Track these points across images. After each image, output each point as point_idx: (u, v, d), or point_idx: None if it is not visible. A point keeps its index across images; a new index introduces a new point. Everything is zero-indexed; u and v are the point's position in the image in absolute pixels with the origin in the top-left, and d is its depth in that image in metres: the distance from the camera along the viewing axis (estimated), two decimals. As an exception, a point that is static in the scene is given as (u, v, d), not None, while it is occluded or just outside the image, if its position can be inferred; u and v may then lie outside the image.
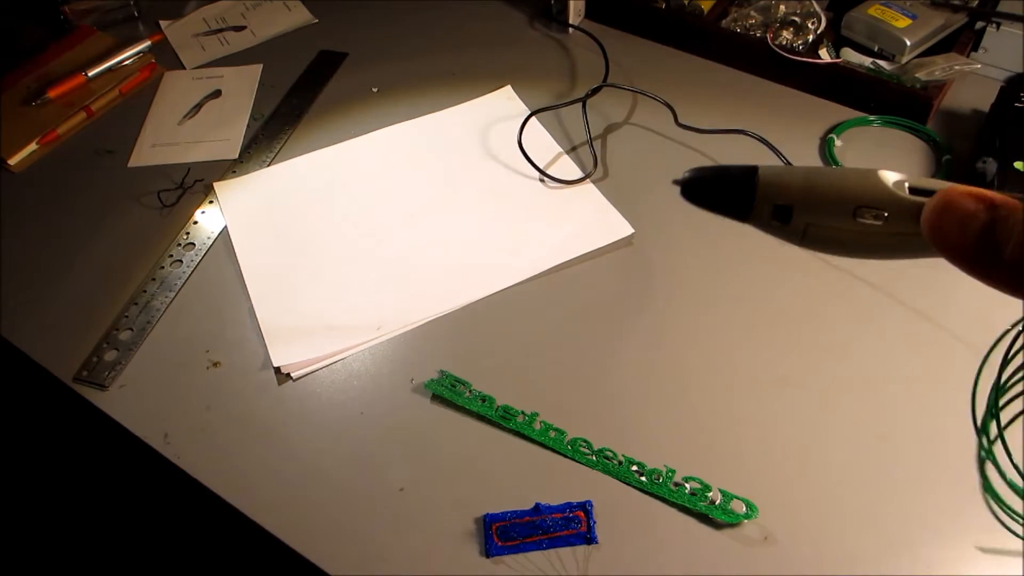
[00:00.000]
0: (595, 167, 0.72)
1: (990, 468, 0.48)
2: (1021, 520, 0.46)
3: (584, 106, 0.77)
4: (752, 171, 0.28)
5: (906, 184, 0.26)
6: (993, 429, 0.47)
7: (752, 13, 0.81)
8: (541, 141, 0.75)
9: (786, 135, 0.74)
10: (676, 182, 0.29)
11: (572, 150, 0.75)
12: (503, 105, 0.80)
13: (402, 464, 0.53)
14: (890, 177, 0.26)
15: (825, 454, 0.52)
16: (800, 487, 0.50)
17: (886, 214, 0.26)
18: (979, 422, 0.46)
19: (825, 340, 0.58)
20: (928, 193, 0.26)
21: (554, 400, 0.55)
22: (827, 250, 0.28)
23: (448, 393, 0.56)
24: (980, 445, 0.45)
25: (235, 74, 0.87)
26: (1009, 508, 0.47)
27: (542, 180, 0.71)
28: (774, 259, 0.64)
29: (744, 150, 0.73)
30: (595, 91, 0.78)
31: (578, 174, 0.72)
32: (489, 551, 0.48)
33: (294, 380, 0.58)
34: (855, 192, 0.26)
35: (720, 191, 0.29)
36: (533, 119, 0.76)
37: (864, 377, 0.56)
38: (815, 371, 0.56)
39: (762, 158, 0.71)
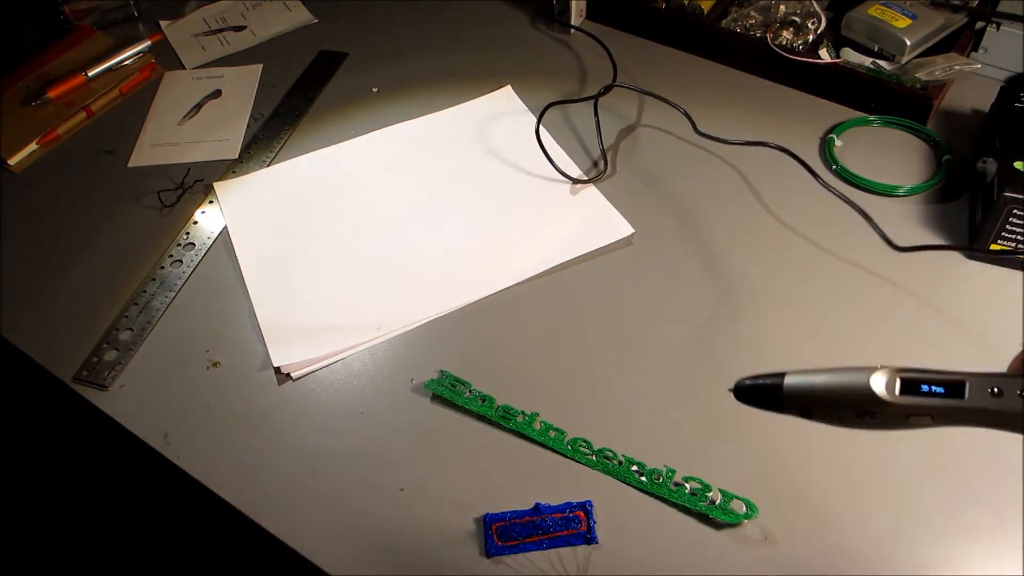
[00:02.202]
0: (606, 167, 0.72)
1: None
2: None
3: (596, 105, 0.77)
4: (778, 388, 0.35)
5: (897, 382, 0.33)
6: None
7: (752, 13, 0.81)
8: (543, 140, 0.75)
9: (786, 135, 0.74)
10: (730, 390, 0.37)
11: (573, 150, 0.75)
12: (503, 105, 0.80)
13: (402, 464, 0.53)
14: (880, 383, 0.33)
15: (825, 454, 0.52)
16: (800, 487, 0.50)
17: (878, 416, 0.33)
18: None
19: (827, 340, 0.58)
20: (916, 387, 0.32)
21: (554, 400, 0.55)
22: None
23: (448, 393, 0.56)
24: None
25: (235, 74, 0.87)
26: None
27: (568, 180, 0.71)
28: (776, 260, 0.64)
29: (766, 161, 0.72)
30: (607, 90, 0.78)
31: (579, 174, 0.72)
32: (489, 551, 0.48)
33: (294, 380, 0.58)
34: (855, 401, 0.33)
35: (760, 400, 0.36)
36: (534, 119, 0.76)
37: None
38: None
39: (784, 168, 0.71)
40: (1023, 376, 0.32)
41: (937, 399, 0.32)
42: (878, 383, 0.33)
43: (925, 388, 0.32)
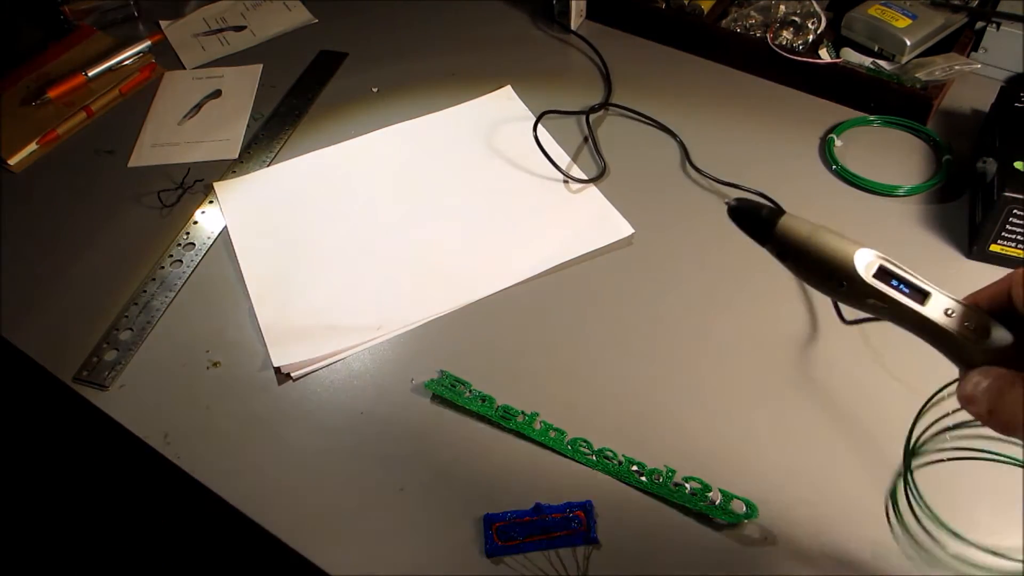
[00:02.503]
0: (605, 167, 0.72)
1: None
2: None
3: (588, 119, 0.77)
4: (772, 222, 0.36)
5: (876, 266, 0.34)
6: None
7: (752, 13, 0.81)
8: (543, 141, 0.75)
9: (786, 135, 0.74)
10: (727, 203, 0.38)
11: (573, 150, 0.75)
12: (503, 105, 0.80)
13: (402, 464, 0.53)
14: (863, 259, 0.34)
15: (825, 454, 0.52)
16: (800, 487, 0.50)
17: (844, 285, 0.35)
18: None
19: (828, 342, 0.58)
20: (888, 277, 0.34)
21: (554, 400, 0.55)
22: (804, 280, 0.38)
23: (448, 393, 0.56)
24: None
25: (235, 74, 0.87)
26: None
27: (568, 179, 0.71)
28: (776, 262, 0.64)
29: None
30: (598, 108, 0.78)
31: (579, 174, 0.72)
32: (489, 551, 0.48)
33: (294, 380, 0.58)
34: (833, 264, 0.35)
35: (750, 224, 0.38)
36: (534, 119, 0.76)
37: (867, 377, 0.56)
38: (816, 372, 0.56)
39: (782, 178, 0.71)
40: (976, 307, 0.34)
41: (899, 294, 0.34)
42: (861, 258, 0.34)
43: (895, 282, 0.34)
